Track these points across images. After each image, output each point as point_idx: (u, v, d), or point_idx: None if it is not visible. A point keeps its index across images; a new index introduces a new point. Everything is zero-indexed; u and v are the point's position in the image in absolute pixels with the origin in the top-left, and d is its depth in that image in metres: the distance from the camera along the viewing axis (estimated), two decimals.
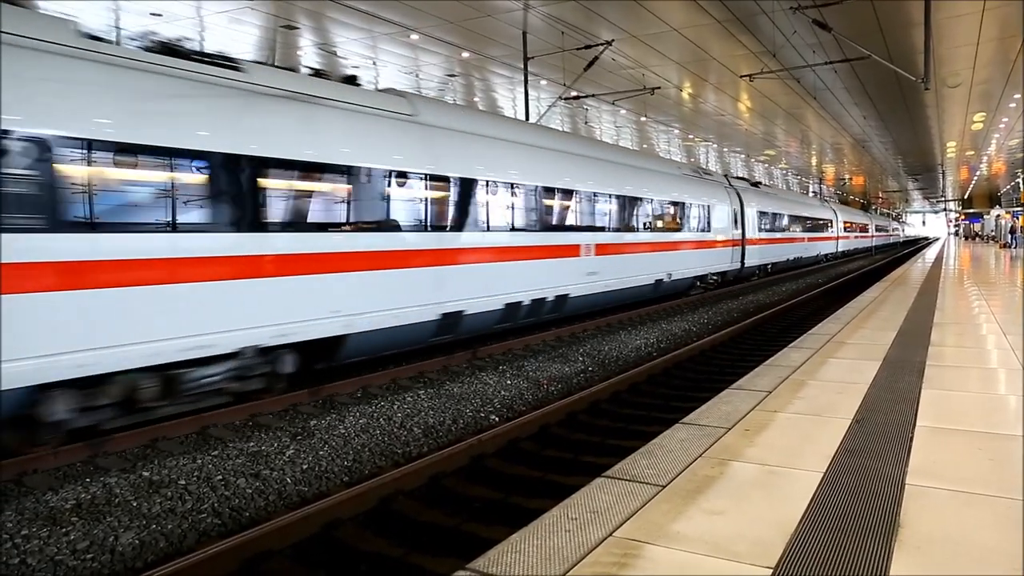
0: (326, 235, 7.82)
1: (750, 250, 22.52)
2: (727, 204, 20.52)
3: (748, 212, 22.41)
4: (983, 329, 8.44)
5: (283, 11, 14.56)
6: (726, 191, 20.82)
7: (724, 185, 21.19)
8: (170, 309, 6.27)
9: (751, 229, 22.66)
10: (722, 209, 20.04)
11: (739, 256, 21.54)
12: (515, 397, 8.48)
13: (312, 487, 5.63)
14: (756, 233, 23.15)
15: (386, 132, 8.77)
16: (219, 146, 6.68)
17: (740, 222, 21.60)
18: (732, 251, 20.80)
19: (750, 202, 22.92)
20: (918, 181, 57.45)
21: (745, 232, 21.98)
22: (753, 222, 22.98)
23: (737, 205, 21.45)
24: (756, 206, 23.52)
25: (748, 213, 22.40)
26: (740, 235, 21.53)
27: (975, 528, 2.87)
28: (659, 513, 3.08)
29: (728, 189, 21.25)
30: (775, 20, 14.38)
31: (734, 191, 21.70)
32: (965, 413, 4.70)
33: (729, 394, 5.31)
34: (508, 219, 10.81)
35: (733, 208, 20.90)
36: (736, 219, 21.10)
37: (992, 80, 20.57)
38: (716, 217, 19.49)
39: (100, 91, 5.91)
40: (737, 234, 21.21)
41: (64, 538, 4.56)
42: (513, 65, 18.17)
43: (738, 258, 21.48)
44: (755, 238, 23.03)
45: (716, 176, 21.81)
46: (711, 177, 20.84)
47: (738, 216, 21.39)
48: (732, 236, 20.71)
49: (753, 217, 23.01)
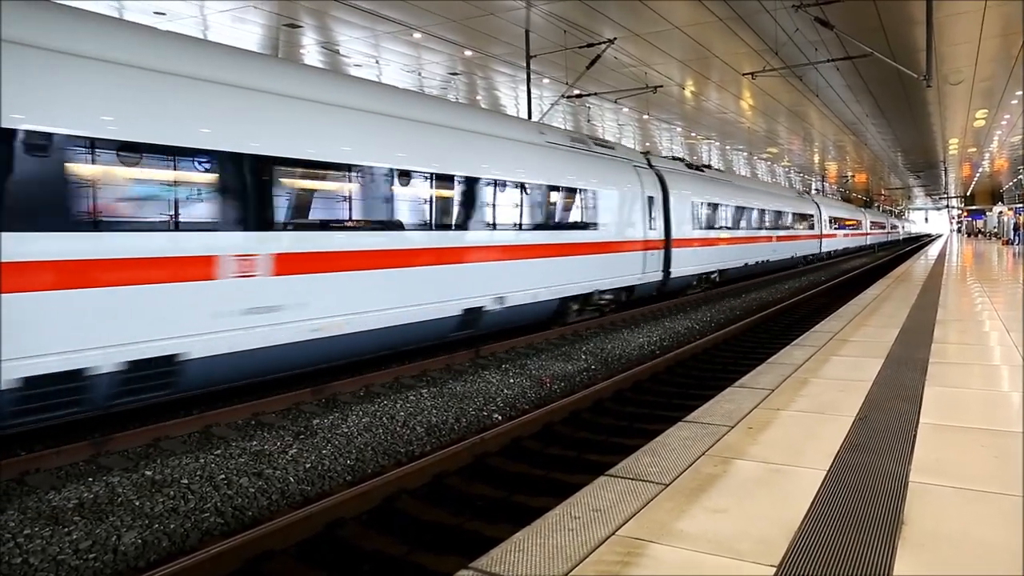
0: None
1: (680, 254, 16.78)
2: (637, 190, 14.63)
3: (677, 203, 16.77)
4: (986, 326, 8.42)
5: (286, 10, 14.57)
6: (635, 172, 14.91)
7: (633, 164, 15.19)
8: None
9: (682, 225, 17.08)
10: (626, 197, 14.21)
11: (660, 263, 15.76)
12: (518, 395, 8.47)
13: (315, 486, 5.64)
14: (691, 231, 17.58)
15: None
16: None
17: (664, 216, 15.99)
18: (645, 257, 14.89)
19: (680, 189, 17.16)
20: (920, 178, 57.40)
21: (671, 230, 16.27)
22: (686, 216, 17.37)
23: (656, 192, 15.67)
24: (691, 195, 17.88)
25: (677, 204, 16.76)
26: (662, 234, 15.85)
27: (979, 525, 2.86)
28: (662, 511, 3.08)
29: (642, 170, 15.44)
30: (777, 18, 14.36)
31: (653, 173, 15.97)
32: (968, 410, 4.69)
33: (732, 392, 5.30)
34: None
35: (648, 196, 15.06)
36: (653, 212, 15.39)
37: (994, 77, 20.53)
38: (611, 208, 13.58)
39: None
40: (656, 233, 15.50)
41: (66, 537, 4.56)
42: (515, 63, 18.17)
43: (658, 266, 15.66)
44: (689, 238, 17.38)
45: (621, 151, 15.37)
46: (608, 151, 14.49)
47: (657, 208, 15.62)
48: (647, 236, 14.93)
49: (687, 210, 17.42)
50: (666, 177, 16.48)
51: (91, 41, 5.95)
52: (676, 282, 16.86)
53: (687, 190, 17.72)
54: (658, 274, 15.72)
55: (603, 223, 13.24)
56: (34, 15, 5.71)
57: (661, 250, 15.78)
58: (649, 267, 15.15)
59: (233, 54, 7.68)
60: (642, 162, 15.99)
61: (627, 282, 14.31)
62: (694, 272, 18.07)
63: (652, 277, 15.39)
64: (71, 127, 5.62)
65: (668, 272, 16.20)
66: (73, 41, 5.82)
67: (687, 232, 17.29)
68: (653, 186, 15.56)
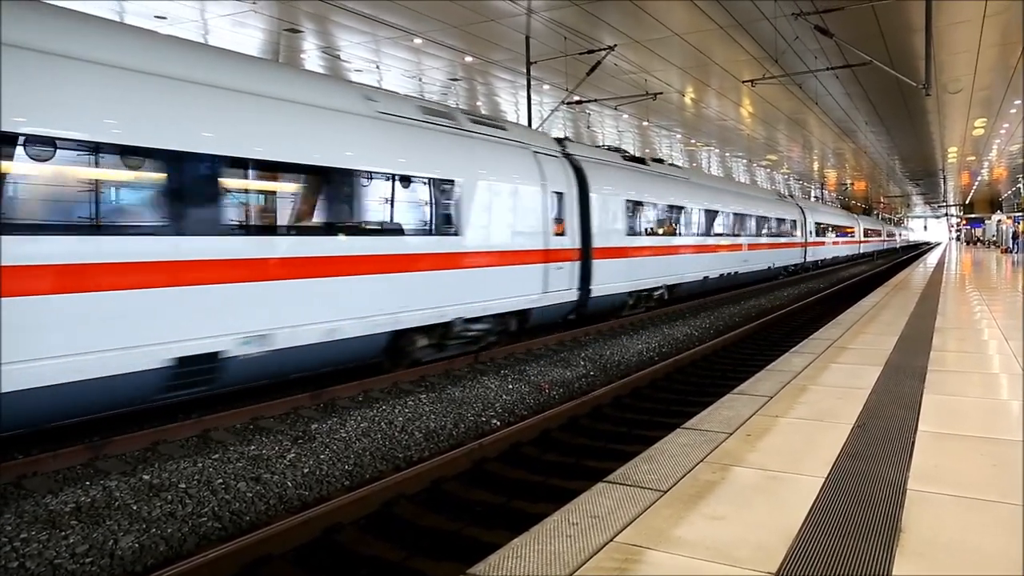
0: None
1: (605, 267, 13.30)
2: (533, 184, 11.29)
3: (602, 202, 13.38)
4: (985, 334, 8.43)
5: (287, 14, 14.62)
6: (534, 161, 11.45)
7: (533, 150, 11.62)
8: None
9: (610, 230, 13.59)
10: (514, 193, 10.85)
11: (573, 278, 12.29)
12: (516, 401, 8.47)
13: (313, 491, 5.63)
14: (624, 238, 14.14)
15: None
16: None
17: (582, 218, 12.64)
18: (546, 271, 11.44)
19: (607, 185, 13.70)
20: (919, 186, 57.49)
21: (592, 236, 12.88)
22: (616, 219, 13.90)
23: (568, 188, 12.24)
24: (625, 193, 14.38)
25: (602, 204, 13.37)
26: (577, 241, 12.41)
27: (977, 533, 2.86)
28: (660, 518, 3.07)
29: (546, 158, 11.93)
30: (777, 26, 14.40)
31: (564, 163, 12.48)
32: (967, 418, 4.69)
33: (731, 399, 5.30)
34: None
35: (554, 192, 11.75)
36: (562, 213, 12.00)
37: (993, 86, 20.60)
38: (485, 207, 10.18)
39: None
40: (567, 240, 12.07)
41: (63, 541, 4.55)
42: (516, 70, 18.23)
43: (569, 282, 12.15)
44: (619, 246, 13.93)
45: (516, 132, 11.63)
46: (491, 131, 10.82)
47: (569, 208, 12.22)
48: (548, 244, 11.52)
49: (617, 211, 13.97)
50: (587, 170, 13.03)
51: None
52: (600, 302, 13.33)
53: (618, 187, 14.22)
54: (571, 292, 12.24)
55: (471, 226, 9.72)
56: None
57: (575, 262, 12.28)
58: (554, 284, 11.63)
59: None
60: (550, 149, 12.41)
61: (515, 305, 10.68)
62: (627, 289, 14.47)
63: (560, 297, 11.89)
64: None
65: (587, 290, 12.76)
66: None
67: (617, 239, 13.92)
68: (563, 180, 12.11)
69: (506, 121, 12.59)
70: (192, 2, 13.78)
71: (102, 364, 5.78)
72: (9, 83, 5.25)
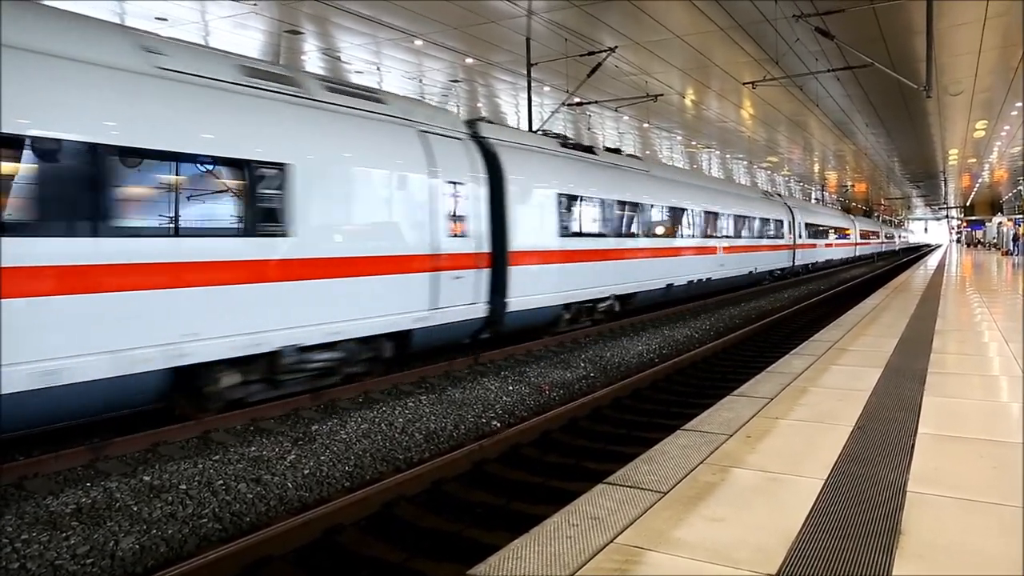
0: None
1: (527, 275, 11.05)
2: (419, 172, 8.99)
3: (524, 196, 11.14)
4: (985, 336, 8.43)
5: (287, 16, 14.63)
6: (419, 143, 9.10)
7: (419, 129, 9.21)
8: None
9: (535, 230, 11.38)
10: (393, 181, 8.66)
11: (481, 289, 10.07)
12: (517, 403, 8.47)
13: (313, 492, 5.63)
14: (554, 239, 11.82)
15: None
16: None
17: (494, 216, 10.40)
18: (436, 282, 9.15)
19: (530, 176, 11.41)
20: (920, 188, 57.51)
21: (508, 236, 10.62)
22: (545, 216, 11.69)
23: (473, 177, 9.92)
24: (556, 186, 12.06)
25: (524, 198, 11.14)
26: (485, 243, 10.11)
27: (977, 536, 2.86)
28: (660, 520, 3.08)
29: (442, 140, 9.53)
30: (778, 28, 14.41)
31: (471, 147, 10.16)
32: (967, 420, 4.69)
33: (731, 401, 5.30)
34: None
35: (450, 183, 9.46)
36: (460, 209, 9.61)
37: (994, 88, 20.61)
38: (334, 198, 7.97)
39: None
40: (469, 243, 9.79)
41: (64, 543, 4.55)
42: (516, 71, 18.24)
43: (475, 294, 9.95)
44: (547, 249, 11.62)
45: (398, 106, 9.22)
46: (365, 105, 8.64)
47: (473, 201, 9.91)
48: (440, 247, 9.20)
49: (547, 207, 11.75)
50: (503, 157, 10.75)
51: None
52: (521, 317, 10.97)
53: (549, 178, 11.90)
54: (477, 307, 9.95)
55: (311, 225, 7.52)
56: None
57: (482, 270, 9.99)
58: (450, 297, 9.36)
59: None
60: (450, 129, 9.87)
61: (386, 326, 8.45)
62: (561, 300, 12.05)
63: (460, 313, 9.60)
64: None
65: (502, 303, 10.51)
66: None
67: (547, 241, 11.64)
68: (466, 168, 9.75)
69: (387, 93, 9.81)
70: (193, 3, 13.80)
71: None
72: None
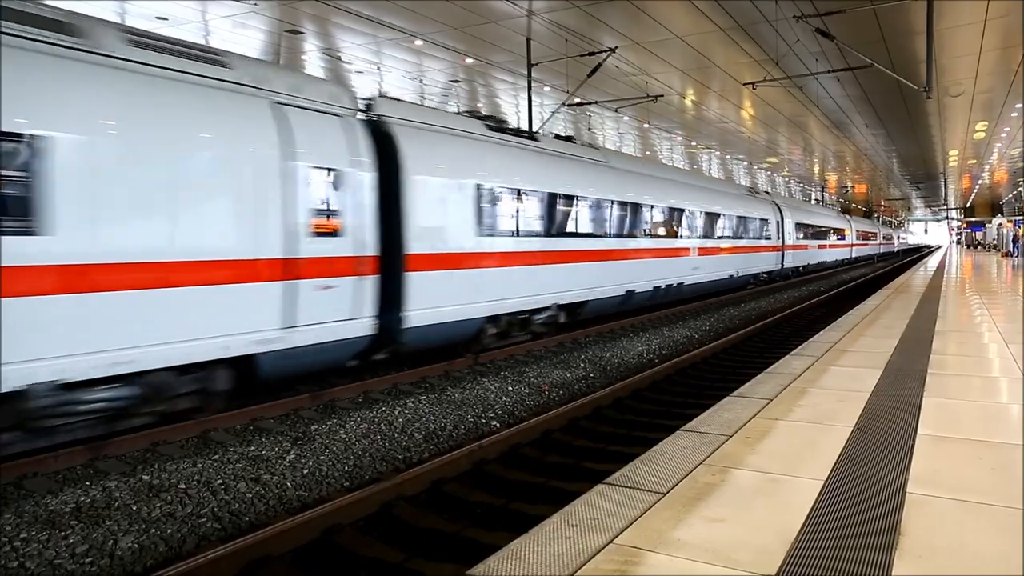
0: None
1: (433, 282, 9.18)
2: (267, 152, 7.12)
3: (429, 185, 9.18)
4: (985, 338, 8.43)
5: (288, 16, 14.63)
6: (271, 113, 7.22)
7: (272, 99, 7.30)
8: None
9: (444, 227, 9.44)
10: (226, 164, 6.79)
11: (367, 301, 8.16)
12: (516, 403, 8.47)
13: (313, 492, 5.63)
14: (470, 239, 9.87)
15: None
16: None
17: (384, 210, 8.45)
18: (293, 293, 7.31)
19: (435, 162, 9.42)
20: (920, 189, 57.51)
21: (408, 235, 8.82)
22: (462, 211, 9.72)
23: (354, 162, 8.03)
24: (475, 176, 10.00)
25: (428, 188, 9.18)
26: (369, 245, 8.18)
27: (976, 537, 2.86)
28: (660, 520, 3.08)
29: (302, 114, 7.56)
30: (778, 28, 14.41)
31: (357, 125, 8.27)
32: (967, 422, 4.69)
33: (730, 401, 5.30)
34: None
35: (319, 168, 7.67)
36: (334, 202, 7.81)
37: (994, 90, 20.60)
38: (155, 187, 6.16)
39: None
40: (346, 243, 7.91)
41: (63, 542, 4.55)
42: (517, 71, 18.24)
43: (356, 307, 8.01)
44: (465, 252, 9.77)
45: (245, 68, 7.25)
46: (190, 65, 6.69)
47: (355, 192, 8.05)
48: (301, 252, 7.38)
49: (463, 200, 9.74)
50: (402, 140, 8.78)
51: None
52: (424, 333, 9.01)
53: (465, 167, 9.86)
54: (359, 324, 7.99)
55: (84, 219, 5.73)
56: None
57: (367, 277, 8.07)
58: (317, 312, 7.48)
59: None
60: (320, 102, 7.85)
61: (212, 351, 6.62)
62: (483, 312, 10.07)
63: (333, 332, 7.68)
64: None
65: (397, 317, 8.62)
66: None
67: (462, 241, 9.69)
68: (342, 151, 7.84)
69: (233, 55, 7.45)
70: (193, 3, 13.80)
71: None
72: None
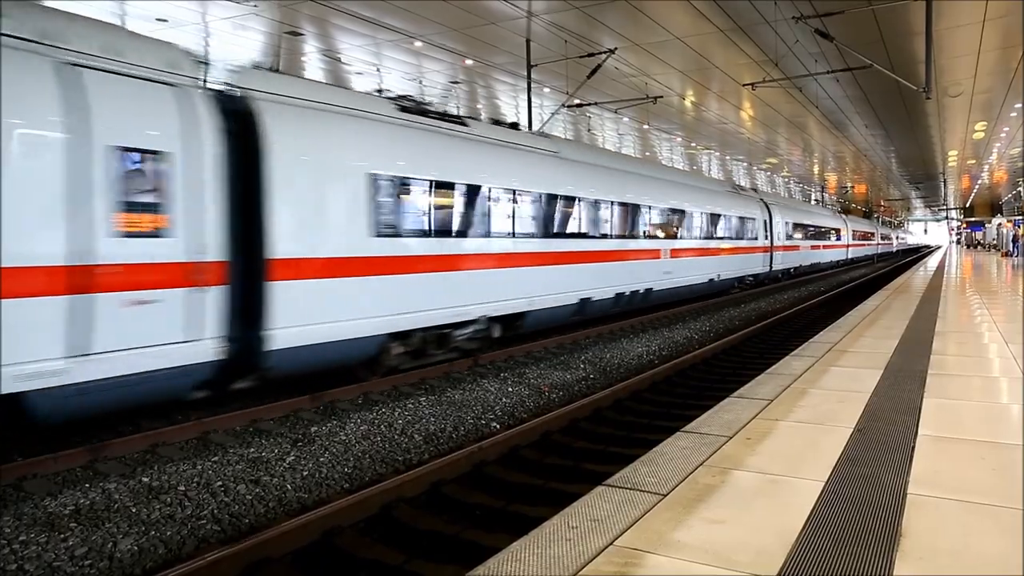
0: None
1: (310, 293, 7.58)
2: (35, 129, 5.32)
3: (302, 173, 7.55)
4: (985, 338, 8.42)
5: (288, 17, 14.63)
6: (53, 75, 5.43)
7: (55, 59, 5.49)
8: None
9: (326, 225, 7.84)
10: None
11: (204, 319, 6.56)
12: (516, 404, 8.46)
13: (312, 494, 5.62)
14: (362, 240, 8.23)
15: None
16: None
17: (244, 202, 7.05)
18: (83, 310, 5.61)
19: (312, 144, 7.74)
20: (920, 189, 57.51)
21: (273, 235, 7.22)
22: (353, 205, 8.09)
23: (186, 141, 6.40)
24: (370, 163, 8.34)
25: (300, 177, 7.54)
26: (211, 247, 6.59)
27: (977, 538, 2.86)
28: (660, 522, 3.07)
29: (102, 77, 5.79)
30: (777, 29, 14.41)
31: (197, 96, 6.59)
32: (967, 422, 4.69)
33: (730, 402, 5.30)
34: None
35: (125, 149, 5.97)
36: (176, 198, 6.34)
37: (993, 90, 20.59)
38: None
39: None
40: (168, 245, 6.31)
41: (62, 544, 4.54)
42: (516, 73, 18.23)
43: (193, 327, 6.43)
44: (356, 256, 8.13)
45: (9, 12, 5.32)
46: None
47: (208, 183, 6.59)
48: (100, 257, 5.73)
49: (355, 192, 8.12)
50: (267, 118, 7.26)
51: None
52: (300, 356, 7.49)
53: (350, 153, 8.22)
54: (198, 348, 6.51)
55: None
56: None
57: (209, 288, 6.59)
58: (124, 336, 5.93)
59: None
60: (145, 68, 6.28)
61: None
62: (379, 330, 8.44)
63: (151, 360, 6.15)
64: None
65: (257, 337, 7.11)
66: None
67: (353, 243, 8.11)
68: (169, 127, 6.33)
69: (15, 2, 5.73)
70: (193, 4, 13.80)
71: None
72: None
